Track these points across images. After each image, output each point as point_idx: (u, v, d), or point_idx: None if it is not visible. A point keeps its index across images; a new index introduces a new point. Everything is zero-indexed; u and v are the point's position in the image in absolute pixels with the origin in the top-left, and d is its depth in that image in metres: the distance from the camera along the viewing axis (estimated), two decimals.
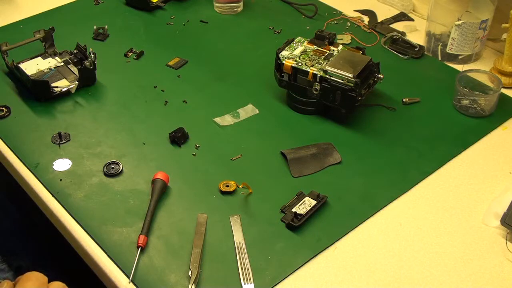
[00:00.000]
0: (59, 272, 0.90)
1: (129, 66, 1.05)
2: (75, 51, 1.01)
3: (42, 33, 1.03)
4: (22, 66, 0.99)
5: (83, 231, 0.76)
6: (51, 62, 1.01)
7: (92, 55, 0.97)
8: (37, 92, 0.95)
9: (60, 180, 0.82)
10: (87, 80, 0.99)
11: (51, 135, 0.89)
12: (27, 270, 0.86)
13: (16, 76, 1.00)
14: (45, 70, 0.99)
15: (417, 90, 0.98)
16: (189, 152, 0.87)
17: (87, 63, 0.97)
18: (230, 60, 1.06)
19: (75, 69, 0.99)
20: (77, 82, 0.97)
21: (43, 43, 1.04)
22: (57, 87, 0.96)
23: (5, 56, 0.99)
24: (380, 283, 0.70)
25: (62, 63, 1.01)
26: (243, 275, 0.69)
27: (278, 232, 0.75)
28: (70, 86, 0.97)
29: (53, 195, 0.80)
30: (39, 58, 1.02)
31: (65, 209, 0.78)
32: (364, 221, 0.77)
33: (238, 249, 0.72)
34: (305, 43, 0.96)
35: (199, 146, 0.87)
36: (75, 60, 1.00)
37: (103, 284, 0.74)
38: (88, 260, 0.75)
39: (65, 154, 0.86)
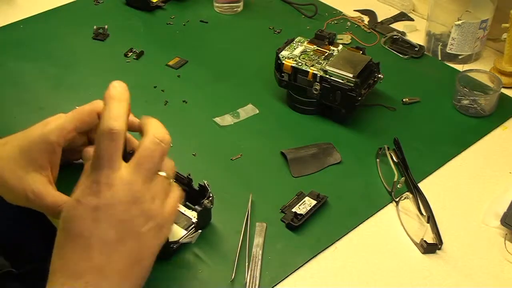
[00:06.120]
0: None
1: (129, 66, 1.04)
2: None
3: None
4: None
5: None
6: None
7: None
8: None
9: None
10: None
11: None
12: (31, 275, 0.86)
13: None
14: None
15: (417, 90, 0.98)
16: (189, 151, 0.87)
17: None
18: (230, 60, 1.06)
19: None
20: None
21: None
22: None
23: None
24: (380, 283, 0.70)
25: None
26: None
27: (278, 232, 0.75)
28: None
29: None
30: None
31: None
32: (364, 221, 0.77)
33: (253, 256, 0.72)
34: (305, 43, 0.96)
35: None
36: None
37: None
38: None
39: None
